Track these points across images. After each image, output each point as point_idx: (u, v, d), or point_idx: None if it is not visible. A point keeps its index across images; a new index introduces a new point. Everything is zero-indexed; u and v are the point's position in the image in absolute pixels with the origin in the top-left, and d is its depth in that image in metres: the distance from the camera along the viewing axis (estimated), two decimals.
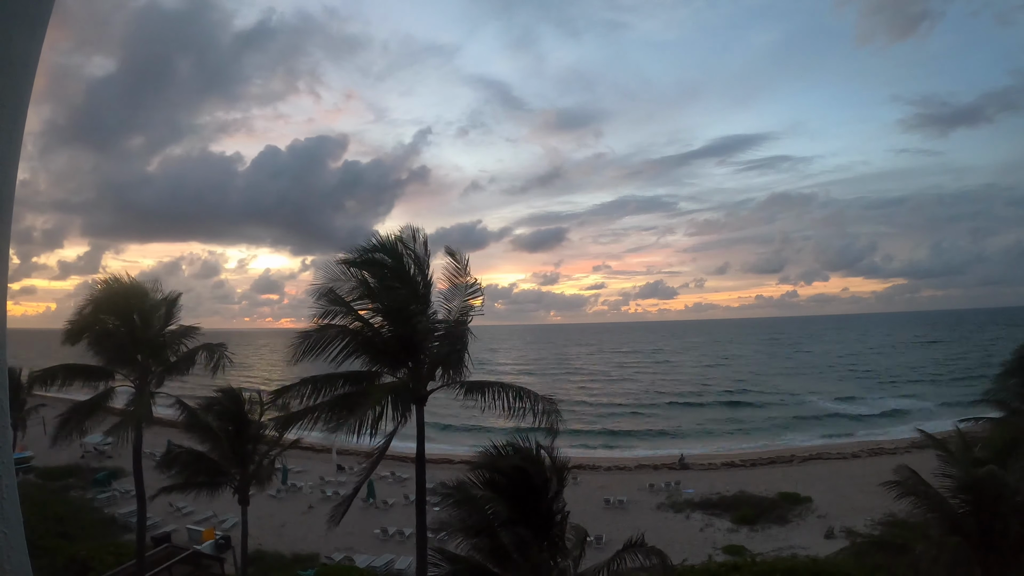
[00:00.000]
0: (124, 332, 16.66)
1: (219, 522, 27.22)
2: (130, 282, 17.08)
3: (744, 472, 36.85)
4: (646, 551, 10.34)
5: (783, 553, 22.53)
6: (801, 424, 54.90)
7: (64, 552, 21.55)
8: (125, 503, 29.48)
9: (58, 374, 16.55)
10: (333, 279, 11.86)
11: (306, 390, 11.99)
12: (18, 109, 1.29)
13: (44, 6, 1.32)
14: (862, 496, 27.56)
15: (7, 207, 1.31)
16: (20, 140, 1.32)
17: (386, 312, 12.22)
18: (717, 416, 60.72)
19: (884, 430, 49.89)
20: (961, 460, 12.01)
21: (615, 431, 54.84)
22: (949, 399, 60.61)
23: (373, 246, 12.18)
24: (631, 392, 78.94)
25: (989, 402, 19.14)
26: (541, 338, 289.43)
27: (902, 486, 12.60)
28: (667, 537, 24.12)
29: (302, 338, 11.72)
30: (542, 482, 10.13)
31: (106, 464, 37.86)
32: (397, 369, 12.57)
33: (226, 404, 17.76)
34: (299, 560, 23.10)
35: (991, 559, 11.02)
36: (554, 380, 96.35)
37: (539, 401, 11.90)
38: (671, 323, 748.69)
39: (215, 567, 21.79)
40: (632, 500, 30.81)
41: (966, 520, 11.57)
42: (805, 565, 19.25)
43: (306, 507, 30.90)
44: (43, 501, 28.06)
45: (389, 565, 22.70)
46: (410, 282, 12.22)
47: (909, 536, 13.04)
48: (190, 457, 17.48)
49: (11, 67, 1.26)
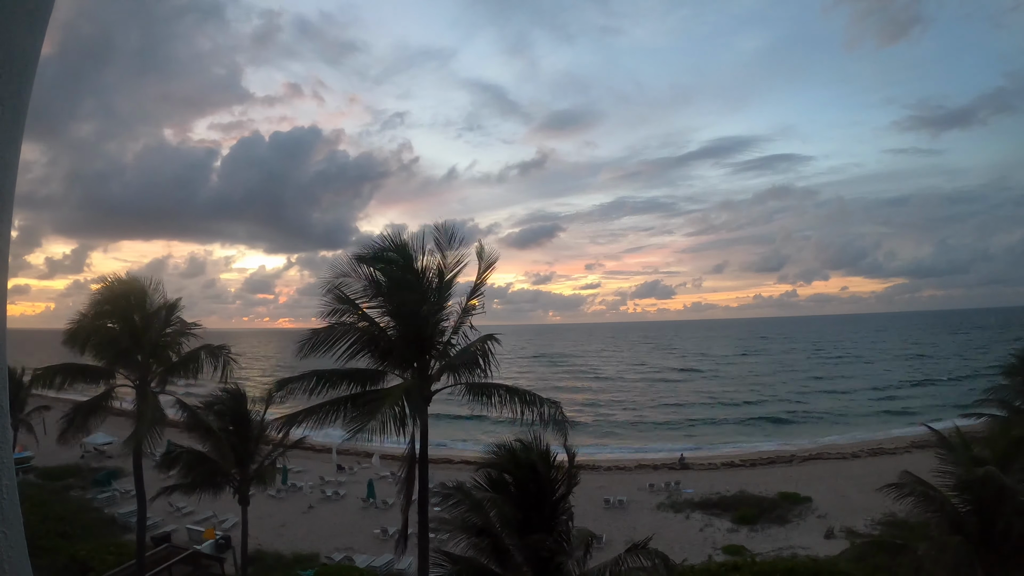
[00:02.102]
0: (125, 332, 16.67)
1: (219, 522, 27.21)
2: (130, 282, 17.10)
3: (744, 472, 36.83)
4: (648, 553, 10.33)
5: (783, 553, 22.52)
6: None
7: (64, 552, 21.56)
8: (125, 503, 29.49)
9: (58, 374, 16.57)
10: (342, 276, 11.80)
11: (311, 383, 11.88)
12: (18, 109, 1.29)
13: (44, 6, 1.32)
14: (862, 496, 27.56)
15: (7, 207, 1.31)
16: (20, 140, 1.32)
17: (395, 312, 12.14)
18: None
19: (884, 430, 49.89)
20: (962, 459, 12.00)
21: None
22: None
23: (385, 245, 12.07)
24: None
25: (990, 401, 19.19)
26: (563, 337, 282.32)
27: (903, 488, 12.61)
28: (667, 537, 24.12)
29: (311, 335, 11.69)
30: (550, 482, 10.11)
31: (106, 464, 37.88)
32: (404, 369, 12.54)
33: (227, 403, 17.76)
34: (299, 560, 23.09)
35: (992, 559, 11.00)
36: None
37: (544, 404, 11.86)
38: (672, 323, 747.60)
39: (215, 567, 21.79)
40: (632, 500, 30.80)
41: (967, 520, 11.57)
42: (805, 565, 19.25)
43: (306, 507, 30.89)
44: (43, 501, 28.07)
45: (389, 565, 22.69)
46: (421, 282, 12.12)
47: (910, 536, 13.04)
48: (190, 457, 17.46)
49: (11, 67, 1.26)
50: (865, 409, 60.87)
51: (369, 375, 12.42)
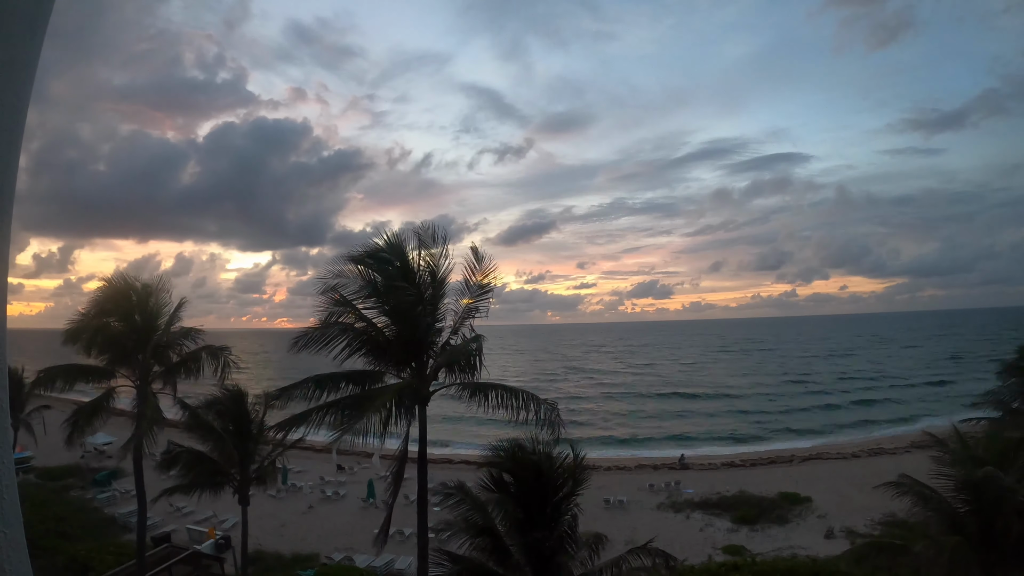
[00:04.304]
0: (126, 332, 16.67)
1: (219, 522, 27.20)
2: (132, 282, 17.09)
3: (744, 472, 36.83)
4: (650, 552, 10.34)
5: (783, 553, 22.52)
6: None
7: (64, 552, 21.56)
8: (125, 503, 29.48)
9: (59, 375, 16.57)
10: (338, 276, 11.82)
11: (309, 389, 11.93)
12: (18, 109, 1.29)
13: (44, 6, 1.32)
14: (862, 496, 27.54)
15: (7, 207, 1.31)
16: (20, 140, 1.32)
17: (391, 312, 12.16)
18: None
19: (883, 430, 50.01)
20: (961, 460, 12.00)
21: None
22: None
23: (381, 244, 12.09)
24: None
25: (989, 402, 19.20)
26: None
27: (901, 487, 12.61)
28: (667, 537, 24.09)
29: (306, 332, 11.69)
30: (552, 482, 10.11)
31: (106, 464, 37.84)
32: (401, 369, 12.54)
33: (227, 404, 17.76)
34: (299, 560, 23.10)
35: (991, 559, 11.01)
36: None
37: (542, 405, 11.87)
38: (672, 323, 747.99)
39: (215, 567, 21.79)
40: (632, 500, 30.80)
41: (966, 520, 11.57)
42: (805, 565, 19.26)
43: (306, 507, 30.90)
44: (43, 501, 28.08)
45: (389, 565, 22.70)
46: (417, 282, 12.13)
47: (909, 536, 13.03)
48: (191, 457, 17.47)
49: (11, 67, 1.26)
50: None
51: (367, 376, 12.43)
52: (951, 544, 10.75)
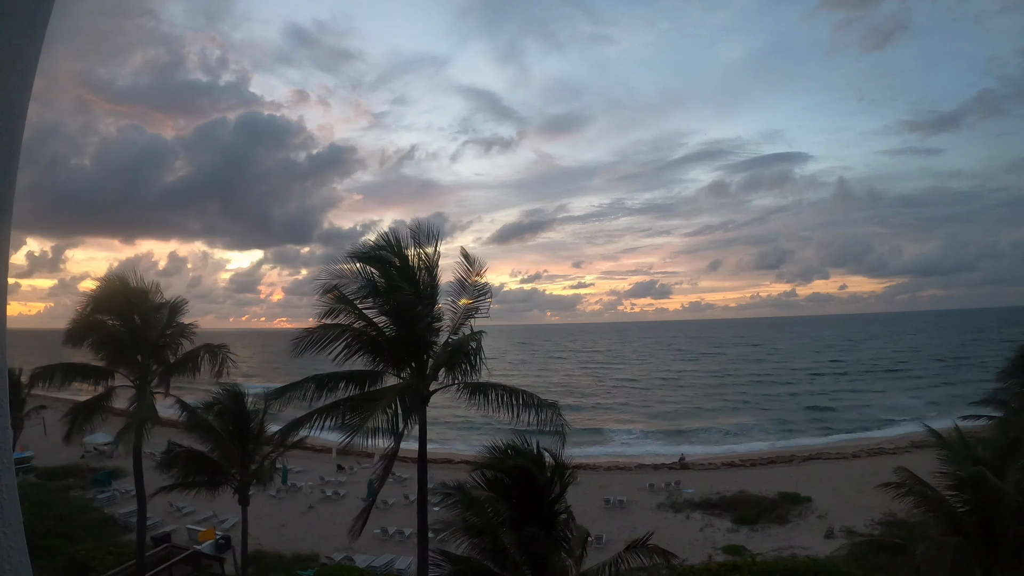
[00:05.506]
0: (125, 332, 16.68)
1: (219, 522, 27.22)
2: (131, 282, 17.10)
3: (744, 472, 36.85)
4: (649, 551, 10.33)
5: (783, 553, 22.54)
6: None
7: (64, 552, 21.56)
8: (125, 503, 29.48)
9: (57, 373, 16.57)
10: (338, 276, 11.81)
11: (309, 389, 11.93)
12: (18, 109, 1.30)
13: (44, 6, 1.32)
14: (862, 496, 27.56)
15: (7, 207, 1.31)
16: (20, 140, 1.32)
17: (391, 312, 12.16)
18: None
19: (883, 431, 50.04)
20: (961, 459, 12.00)
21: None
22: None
23: (380, 244, 12.09)
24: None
25: (989, 402, 19.17)
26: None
27: (902, 486, 12.60)
28: (667, 537, 24.09)
29: (306, 334, 11.69)
30: (545, 483, 10.13)
31: (106, 464, 37.83)
32: (401, 369, 12.54)
33: (227, 403, 17.76)
34: (299, 560, 23.11)
35: (991, 559, 11.01)
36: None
37: (543, 407, 11.86)
38: (671, 322, 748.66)
39: (215, 567, 21.78)
40: (632, 500, 30.82)
41: (966, 519, 11.57)
42: (805, 565, 19.27)
43: (306, 507, 30.91)
44: (43, 501, 28.07)
45: (389, 565, 22.71)
46: (416, 281, 12.14)
47: (909, 536, 13.05)
48: (190, 457, 17.48)
49: (11, 67, 1.26)
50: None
51: (367, 376, 12.43)
52: (952, 544, 10.74)
